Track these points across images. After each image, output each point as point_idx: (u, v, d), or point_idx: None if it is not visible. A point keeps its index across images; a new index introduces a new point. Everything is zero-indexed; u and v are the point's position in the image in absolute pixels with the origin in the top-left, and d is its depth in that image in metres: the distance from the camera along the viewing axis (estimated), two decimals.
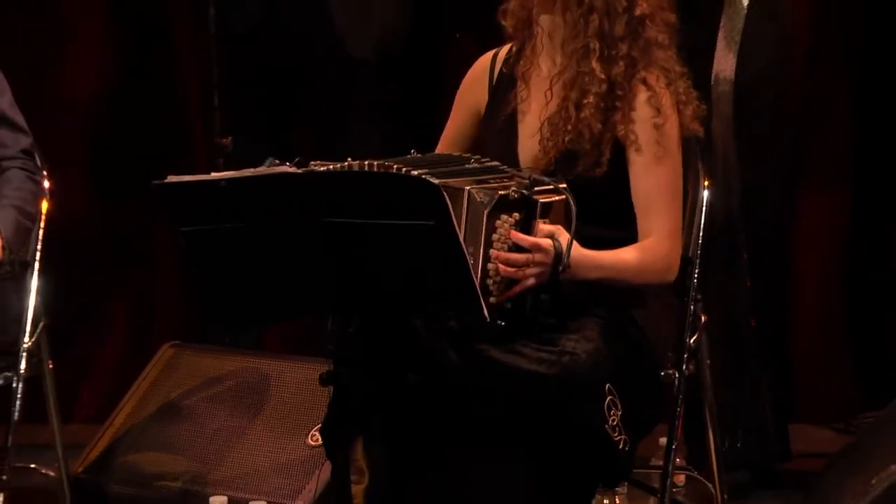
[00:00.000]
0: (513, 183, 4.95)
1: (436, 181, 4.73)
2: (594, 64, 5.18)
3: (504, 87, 5.35)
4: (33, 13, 6.79)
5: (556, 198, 4.96)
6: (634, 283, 5.14)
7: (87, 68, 7.01)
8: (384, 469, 4.99)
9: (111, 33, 7.04)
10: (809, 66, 6.55)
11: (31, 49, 6.08)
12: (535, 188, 4.95)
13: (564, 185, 5.00)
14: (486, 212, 4.81)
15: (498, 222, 4.87)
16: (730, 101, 5.87)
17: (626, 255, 5.11)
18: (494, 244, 4.85)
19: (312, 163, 4.93)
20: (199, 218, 4.85)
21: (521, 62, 5.33)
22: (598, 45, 5.18)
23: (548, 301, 5.00)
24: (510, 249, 4.87)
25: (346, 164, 4.98)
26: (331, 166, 4.92)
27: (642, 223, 5.14)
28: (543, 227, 4.92)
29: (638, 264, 5.11)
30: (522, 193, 4.90)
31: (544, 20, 5.26)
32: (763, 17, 5.99)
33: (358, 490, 4.98)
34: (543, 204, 4.93)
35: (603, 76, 5.15)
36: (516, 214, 4.90)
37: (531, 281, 4.91)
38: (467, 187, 4.83)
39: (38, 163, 5.55)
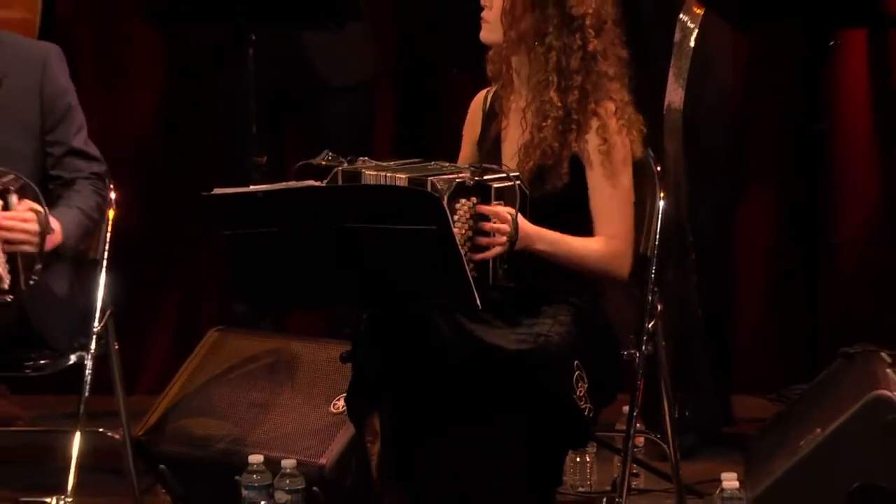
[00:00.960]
0: (468, 172, 4.97)
1: (404, 176, 4.86)
2: (552, 94, 5.13)
3: (490, 120, 5.33)
4: (102, 56, 6.78)
5: (508, 183, 4.96)
6: (593, 269, 5.11)
7: (146, 102, 6.96)
8: (394, 434, 4.96)
9: (166, 74, 6.99)
10: (746, 97, 6.55)
11: (101, 86, 6.04)
12: (487, 175, 4.96)
13: (516, 173, 5.01)
14: (446, 196, 4.82)
15: (458, 205, 4.88)
16: (679, 128, 5.83)
17: (587, 242, 5.11)
18: (456, 224, 4.84)
19: (361, 160, 5.04)
20: (239, 223, 4.88)
21: (501, 98, 5.30)
22: (556, 79, 5.15)
23: (505, 268, 4.99)
24: (472, 228, 4.91)
25: (361, 164, 5.03)
26: (370, 172, 4.97)
27: (598, 229, 5.13)
28: (498, 206, 4.93)
29: (596, 252, 5.08)
30: (476, 180, 4.92)
31: (515, 61, 5.23)
32: (707, 58, 5.94)
33: (374, 450, 4.98)
34: (497, 188, 4.94)
35: (560, 104, 5.12)
36: (474, 198, 4.91)
37: (497, 249, 4.91)
38: (430, 178, 4.86)
39: (108, 184, 5.52)
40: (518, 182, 5.01)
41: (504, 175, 5.03)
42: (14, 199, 5.16)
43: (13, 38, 5.50)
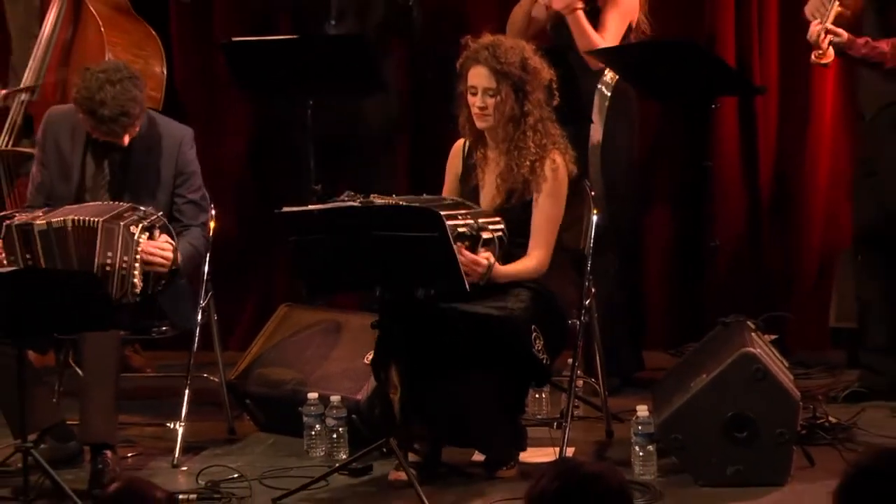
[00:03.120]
0: (470, 220, 4.93)
1: (435, 209, 4.79)
2: (517, 147, 5.07)
3: (469, 170, 5.23)
4: (207, 114, 6.69)
5: (493, 235, 4.96)
6: (530, 276, 5.04)
7: (239, 147, 6.89)
8: (408, 383, 4.94)
9: (250, 122, 6.92)
10: (655, 141, 6.53)
11: (206, 134, 5.96)
12: (482, 230, 4.94)
13: (502, 228, 4.99)
14: (442, 216, 4.76)
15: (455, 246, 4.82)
16: (598, 157, 5.76)
17: (525, 265, 5.05)
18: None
19: (373, 196, 4.94)
20: (301, 231, 4.90)
21: (477, 153, 5.20)
22: (514, 136, 5.08)
23: (483, 284, 4.94)
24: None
25: (392, 199, 4.97)
26: (379, 200, 4.92)
27: (533, 238, 5.07)
28: (481, 252, 4.93)
29: (532, 271, 5.04)
30: (471, 233, 4.92)
31: (484, 129, 5.13)
32: (619, 111, 5.82)
33: (394, 398, 4.98)
34: (484, 239, 4.95)
35: (525, 146, 5.06)
36: (467, 243, 4.90)
37: (474, 279, 4.87)
38: (439, 211, 4.83)
39: (208, 230, 5.45)
40: (500, 234, 5.00)
41: (495, 226, 4.99)
42: (157, 232, 5.17)
43: (162, 118, 5.47)
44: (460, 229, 4.89)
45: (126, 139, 5.21)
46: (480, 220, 4.97)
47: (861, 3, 5.48)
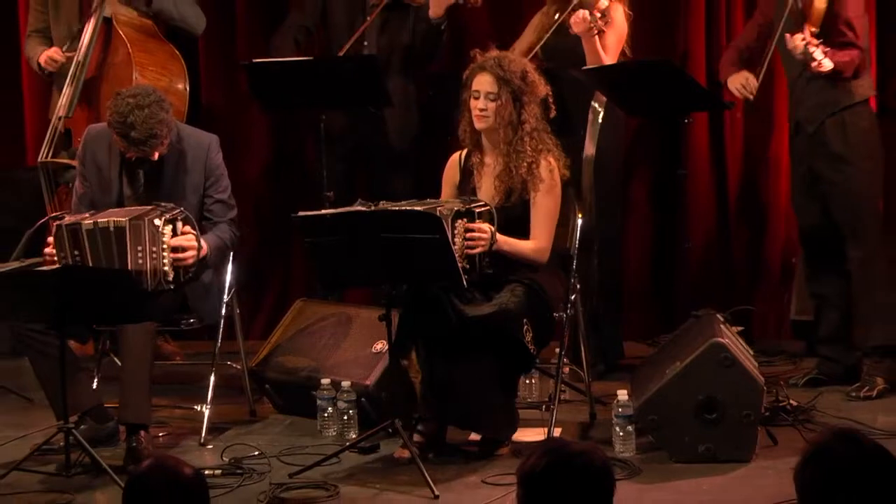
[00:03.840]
0: (460, 204, 4.96)
1: (420, 208, 4.85)
2: (515, 149, 5.09)
3: (466, 174, 5.25)
4: (230, 128, 6.57)
5: (484, 209, 5.00)
6: (528, 258, 5.08)
7: (260, 157, 6.88)
8: (428, 370, 5.00)
9: (269, 135, 6.89)
10: (630, 152, 6.47)
11: (230, 146, 5.90)
12: (472, 205, 4.98)
13: (486, 205, 5.03)
14: (449, 218, 4.86)
15: (456, 224, 4.89)
16: (591, 168, 5.66)
17: (527, 244, 5.08)
18: (456, 235, 4.86)
19: (382, 203, 4.96)
20: (315, 234, 4.89)
21: (473, 158, 5.23)
22: (512, 139, 5.10)
23: (487, 261, 4.99)
24: (465, 238, 4.90)
25: (395, 204, 4.98)
26: (387, 206, 4.94)
27: (533, 232, 5.10)
28: (480, 223, 4.97)
29: (532, 251, 5.08)
30: (466, 208, 4.95)
31: (483, 131, 5.16)
32: (610, 125, 5.79)
33: (417, 380, 5.02)
34: (478, 212, 4.98)
35: (523, 150, 5.09)
36: (465, 219, 4.93)
37: (479, 248, 4.93)
38: (439, 209, 4.89)
39: (236, 226, 5.45)
40: (490, 208, 5.04)
41: (483, 204, 5.05)
42: (180, 224, 5.13)
43: (188, 128, 5.46)
44: (456, 208, 4.93)
45: (156, 155, 5.23)
46: (467, 203, 5.02)
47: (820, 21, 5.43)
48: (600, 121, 5.77)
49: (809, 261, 5.81)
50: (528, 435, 5.16)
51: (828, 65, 5.32)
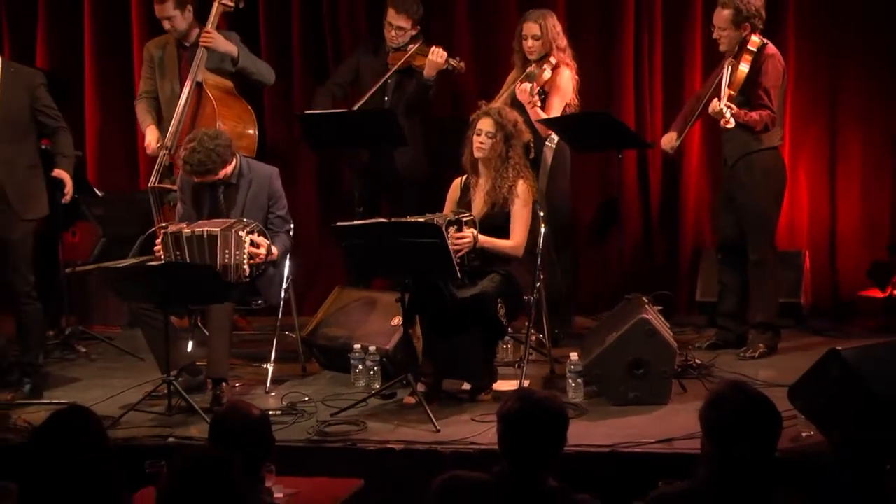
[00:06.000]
0: (451, 216, 4.96)
1: (422, 219, 4.80)
2: (501, 174, 5.07)
3: (465, 191, 5.20)
4: (286, 159, 6.45)
5: (469, 218, 4.99)
6: (507, 254, 5.02)
7: (309, 181, 6.77)
8: (427, 336, 4.95)
9: (316, 166, 6.76)
10: (583, 176, 6.30)
11: (287, 179, 5.86)
12: (460, 216, 4.97)
13: (471, 216, 5.00)
14: (444, 226, 4.81)
15: (449, 230, 4.85)
16: (544, 193, 5.56)
17: (506, 242, 5.03)
18: (449, 238, 4.80)
19: (394, 218, 4.93)
20: (349, 238, 4.85)
21: (471, 180, 5.19)
22: (506, 164, 5.08)
23: (473, 256, 4.97)
24: (454, 241, 4.87)
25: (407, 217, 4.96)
26: (400, 218, 4.91)
27: (511, 234, 5.04)
28: (466, 229, 4.96)
29: (510, 248, 5.03)
30: (456, 219, 4.94)
31: (480, 160, 5.13)
32: (560, 158, 5.68)
33: (418, 345, 4.96)
34: (465, 220, 4.97)
35: (506, 175, 5.06)
36: (455, 227, 4.92)
37: (465, 249, 4.91)
38: (436, 219, 4.86)
39: (290, 236, 5.39)
40: (473, 217, 5.02)
41: (468, 214, 5.04)
42: (256, 235, 5.14)
43: (255, 162, 5.43)
44: (448, 218, 4.92)
45: (216, 177, 5.22)
46: (458, 214, 5.01)
47: (739, 87, 5.43)
48: (552, 158, 5.72)
49: (722, 258, 5.75)
50: (505, 385, 5.12)
51: (732, 123, 5.30)
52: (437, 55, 5.79)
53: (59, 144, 5.31)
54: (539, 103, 5.61)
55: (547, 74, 5.59)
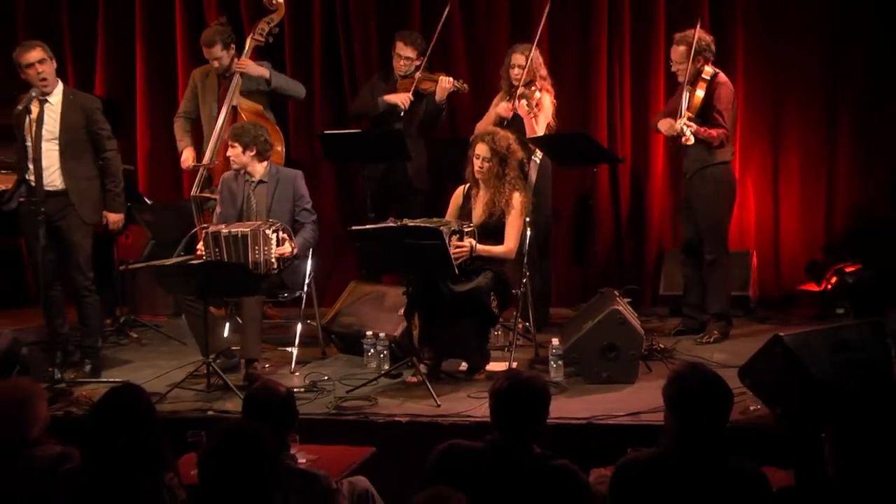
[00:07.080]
0: (454, 226, 4.90)
1: (442, 230, 4.72)
2: (498, 189, 5.03)
3: (467, 200, 5.14)
4: (308, 171, 6.27)
5: (469, 229, 4.94)
6: (501, 257, 4.98)
7: (328, 188, 6.70)
8: (425, 324, 4.88)
9: (334, 177, 6.70)
10: (563, 187, 6.23)
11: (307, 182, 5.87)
12: (462, 226, 4.92)
13: (472, 227, 4.95)
14: (447, 234, 4.76)
15: (451, 239, 4.81)
16: (531, 208, 5.33)
17: (499, 248, 4.99)
18: (450, 246, 4.76)
19: (405, 220, 4.90)
20: (363, 240, 4.83)
21: (472, 191, 5.12)
22: (502, 179, 5.03)
23: (469, 261, 4.91)
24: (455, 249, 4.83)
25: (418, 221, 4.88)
26: (407, 223, 4.83)
27: (506, 240, 4.99)
28: (466, 239, 4.91)
29: (503, 252, 4.99)
30: (458, 230, 4.89)
31: (480, 176, 5.07)
32: (544, 172, 5.67)
33: (416, 333, 4.90)
34: (465, 232, 4.92)
35: (503, 189, 5.01)
36: (457, 235, 4.87)
37: (462, 258, 4.84)
38: (441, 227, 4.78)
39: (316, 225, 5.39)
40: (473, 228, 4.97)
41: (469, 225, 4.99)
42: (281, 232, 5.14)
43: (283, 169, 5.46)
44: (452, 228, 4.88)
45: (256, 175, 5.25)
46: (460, 225, 4.98)
47: (696, 110, 5.42)
48: (537, 172, 5.68)
49: (685, 256, 5.72)
50: (496, 366, 5.10)
51: (692, 140, 5.31)
52: (445, 81, 5.78)
53: (107, 174, 5.26)
54: (535, 114, 5.54)
55: (537, 94, 5.57)
